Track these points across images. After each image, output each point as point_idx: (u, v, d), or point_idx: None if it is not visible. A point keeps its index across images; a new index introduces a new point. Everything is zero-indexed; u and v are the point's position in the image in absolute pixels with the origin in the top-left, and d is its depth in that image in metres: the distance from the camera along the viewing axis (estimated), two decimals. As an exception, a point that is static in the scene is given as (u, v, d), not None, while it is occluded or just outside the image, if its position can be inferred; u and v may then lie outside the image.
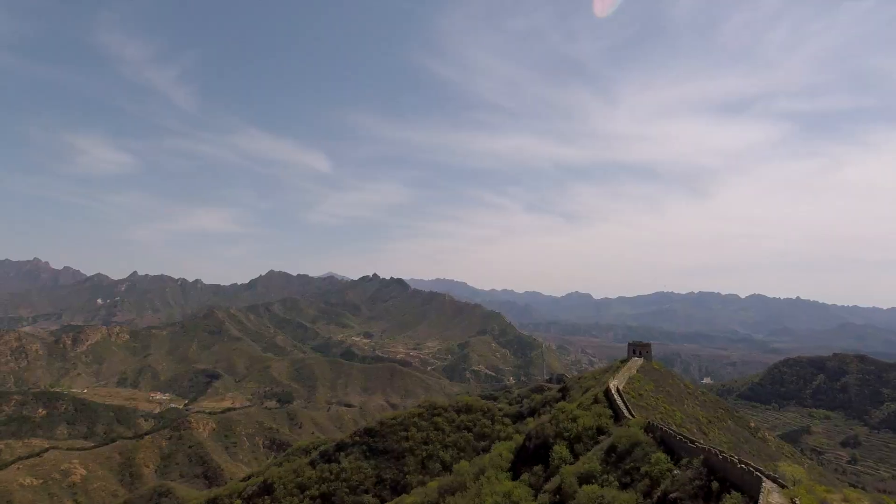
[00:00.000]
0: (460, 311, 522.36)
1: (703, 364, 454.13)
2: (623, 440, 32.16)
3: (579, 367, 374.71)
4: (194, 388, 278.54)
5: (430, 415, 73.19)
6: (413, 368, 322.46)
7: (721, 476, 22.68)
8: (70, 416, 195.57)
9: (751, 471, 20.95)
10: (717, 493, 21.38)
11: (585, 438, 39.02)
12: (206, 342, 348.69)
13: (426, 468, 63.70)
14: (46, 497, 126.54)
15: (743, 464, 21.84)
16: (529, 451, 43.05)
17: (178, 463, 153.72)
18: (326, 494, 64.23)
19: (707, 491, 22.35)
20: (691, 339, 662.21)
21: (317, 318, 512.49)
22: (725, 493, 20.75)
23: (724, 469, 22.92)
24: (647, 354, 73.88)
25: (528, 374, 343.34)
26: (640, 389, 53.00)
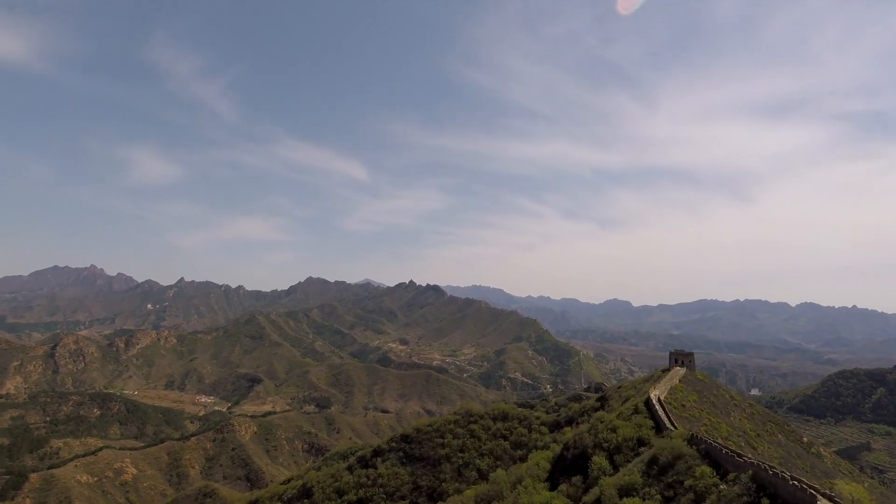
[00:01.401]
0: (496, 317, 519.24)
1: (751, 375, 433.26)
2: (665, 452, 31.20)
3: (618, 376, 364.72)
4: (237, 392, 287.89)
5: (466, 422, 72.98)
6: (449, 375, 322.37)
7: (771, 493, 21.71)
8: (122, 417, 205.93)
9: (804, 488, 19.97)
10: (768, 511, 20.51)
11: (625, 450, 38.08)
12: (247, 347, 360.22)
13: (462, 476, 63.49)
14: (101, 494, 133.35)
15: (795, 480, 20.83)
16: (567, 461, 42.31)
17: (222, 464, 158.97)
18: (364, 500, 64.93)
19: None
20: (737, 348, 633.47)
21: (354, 325, 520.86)
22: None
23: (775, 485, 21.93)
24: (690, 364, 71.32)
25: (565, 383, 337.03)
26: (683, 400, 51.23)
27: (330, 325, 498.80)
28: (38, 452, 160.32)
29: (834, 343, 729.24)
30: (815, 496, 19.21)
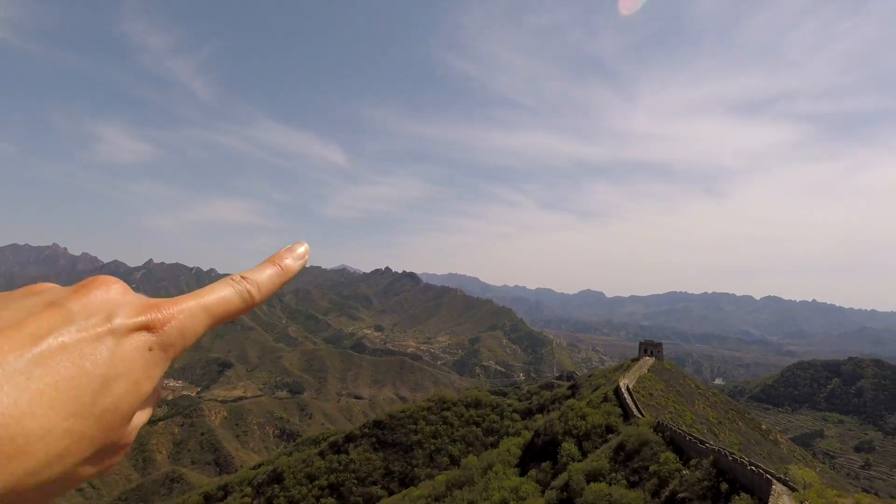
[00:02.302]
0: (472, 306, 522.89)
1: (716, 365, 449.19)
2: (632, 439, 32.14)
3: (590, 365, 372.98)
4: (207, 377, 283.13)
5: (439, 409, 73.61)
6: (423, 362, 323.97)
7: (730, 478, 22.60)
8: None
9: (761, 473, 20.85)
10: (727, 495, 21.33)
11: (594, 436, 39.06)
12: (218, 331, 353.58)
13: (434, 462, 64.18)
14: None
15: (753, 466, 21.73)
16: (538, 447, 43.18)
17: (190, 450, 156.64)
18: (335, 485, 65.06)
19: (716, 492, 22.30)
20: (704, 339, 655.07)
21: (328, 310, 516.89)
22: (734, 494, 20.69)
23: (734, 470, 22.83)
24: (659, 354, 73.41)
25: (538, 371, 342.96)
26: (651, 389, 52.76)
27: (304, 310, 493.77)
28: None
29: (794, 335, 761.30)
30: (770, 480, 20.08)
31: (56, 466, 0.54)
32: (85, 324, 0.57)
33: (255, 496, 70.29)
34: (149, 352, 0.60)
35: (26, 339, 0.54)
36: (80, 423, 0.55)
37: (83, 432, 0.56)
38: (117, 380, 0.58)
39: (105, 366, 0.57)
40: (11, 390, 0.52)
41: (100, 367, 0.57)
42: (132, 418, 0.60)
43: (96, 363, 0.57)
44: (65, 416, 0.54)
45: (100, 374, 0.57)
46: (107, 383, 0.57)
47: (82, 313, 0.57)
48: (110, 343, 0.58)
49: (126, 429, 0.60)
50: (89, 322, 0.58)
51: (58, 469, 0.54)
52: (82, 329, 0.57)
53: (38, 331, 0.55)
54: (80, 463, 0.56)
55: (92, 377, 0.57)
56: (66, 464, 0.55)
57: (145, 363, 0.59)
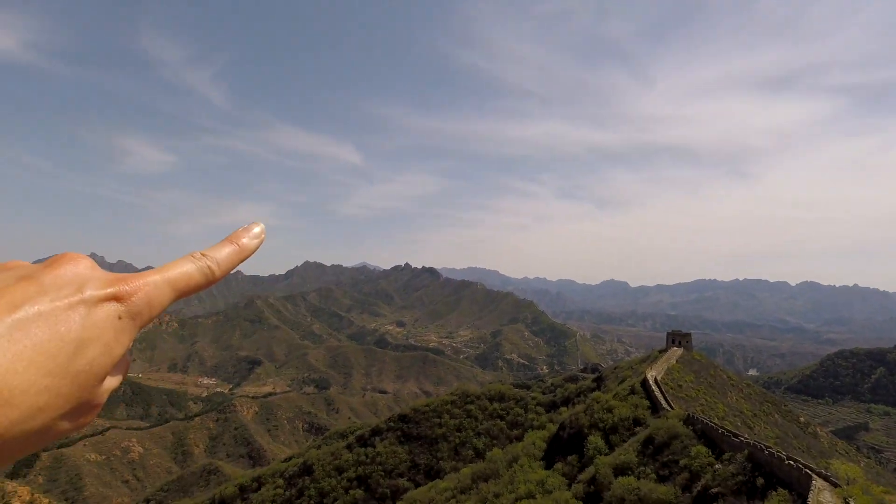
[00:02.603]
0: (492, 299, 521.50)
1: (749, 355, 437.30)
2: (661, 432, 31.39)
3: (615, 357, 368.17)
4: (238, 374, 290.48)
5: (462, 402, 73.68)
6: (445, 357, 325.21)
7: (767, 472, 21.79)
8: (128, 399, 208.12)
9: (800, 467, 20.02)
10: (763, 490, 20.55)
11: (621, 429, 38.36)
12: (247, 330, 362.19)
13: (459, 455, 64.31)
14: (109, 472, 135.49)
15: (791, 460, 20.89)
16: (563, 440, 42.69)
17: (225, 443, 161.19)
18: (363, 477, 65.91)
19: (751, 487, 21.54)
20: (736, 328, 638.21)
21: (351, 308, 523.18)
22: (771, 490, 19.93)
23: (771, 465, 21.99)
24: (687, 344, 71.74)
25: (561, 364, 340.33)
26: (680, 380, 51.56)
27: (327, 308, 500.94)
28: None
29: (834, 322, 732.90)
30: (810, 476, 19.25)
31: (37, 419, 0.61)
32: (57, 294, 0.64)
33: (286, 487, 71.86)
34: (118, 320, 0.66)
35: (4, 307, 0.62)
36: (58, 381, 0.61)
37: (60, 390, 0.62)
38: (90, 344, 0.64)
39: (78, 331, 0.64)
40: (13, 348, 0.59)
41: (73, 332, 0.64)
42: (104, 381, 0.65)
43: (70, 329, 0.63)
44: (43, 374, 0.61)
45: (74, 339, 0.64)
46: (80, 347, 0.64)
47: (54, 285, 0.64)
48: (82, 311, 0.64)
49: (99, 389, 0.65)
50: (61, 293, 0.64)
51: (39, 421, 0.61)
52: (55, 299, 0.64)
53: (15, 300, 0.62)
54: (58, 418, 0.63)
55: (67, 341, 0.63)
56: (46, 417, 0.62)
57: (115, 330, 0.65)
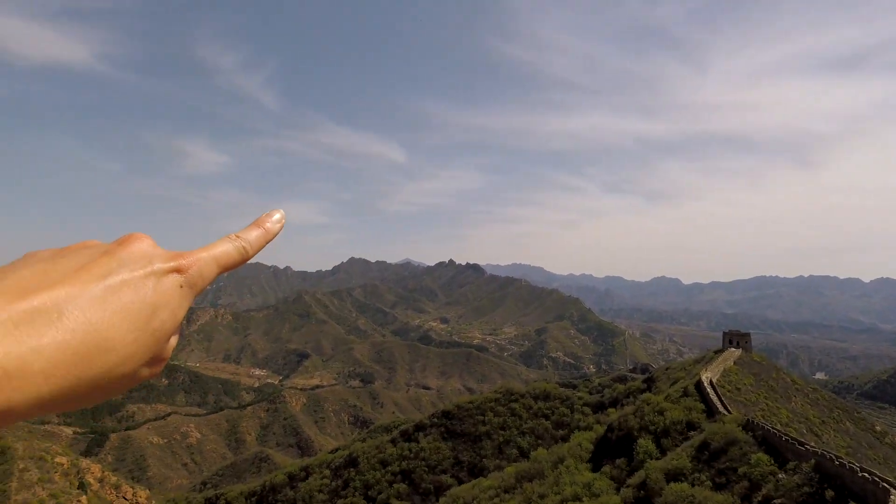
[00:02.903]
0: (537, 296, 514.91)
1: (816, 357, 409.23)
2: (718, 437, 29.78)
3: (666, 357, 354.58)
4: (287, 366, 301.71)
5: (506, 400, 73.03)
6: (489, 354, 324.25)
7: (837, 484, 20.14)
8: (186, 386, 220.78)
9: (876, 480, 18.34)
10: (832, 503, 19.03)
11: (673, 433, 36.74)
12: (296, 324, 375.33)
13: (503, 453, 63.80)
14: (170, 454, 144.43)
15: (865, 472, 19.20)
16: (611, 442, 41.38)
17: (275, 433, 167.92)
18: (407, 471, 66.68)
19: (819, 499, 19.98)
20: (801, 328, 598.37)
21: (395, 303, 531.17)
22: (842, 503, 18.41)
23: (841, 476, 20.31)
24: (746, 345, 67.85)
25: (609, 363, 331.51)
26: (738, 383, 48.81)
27: (372, 303, 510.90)
28: (116, 415, 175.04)
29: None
30: (888, 490, 17.61)
31: (128, 365, 0.77)
32: (133, 266, 0.78)
33: (333, 478, 73.83)
34: (180, 288, 0.80)
35: (97, 276, 0.76)
36: (141, 336, 0.77)
37: (143, 343, 0.77)
38: (162, 308, 0.79)
39: (153, 296, 0.78)
40: (98, 309, 0.75)
41: (150, 297, 0.78)
42: (170, 339, 0.80)
43: (147, 294, 0.78)
44: (132, 329, 0.77)
45: (150, 303, 0.78)
46: (155, 310, 0.78)
47: (129, 259, 0.78)
48: (154, 280, 0.79)
49: (167, 346, 0.80)
50: (136, 265, 0.79)
51: (129, 367, 0.77)
52: (133, 270, 0.78)
53: (103, 271, 0.77)
54: (141, 366, 0.78)
55: (145, 304, 0.78)
56: (133, 364, 0.77)
57: (178, 297, 0.79)
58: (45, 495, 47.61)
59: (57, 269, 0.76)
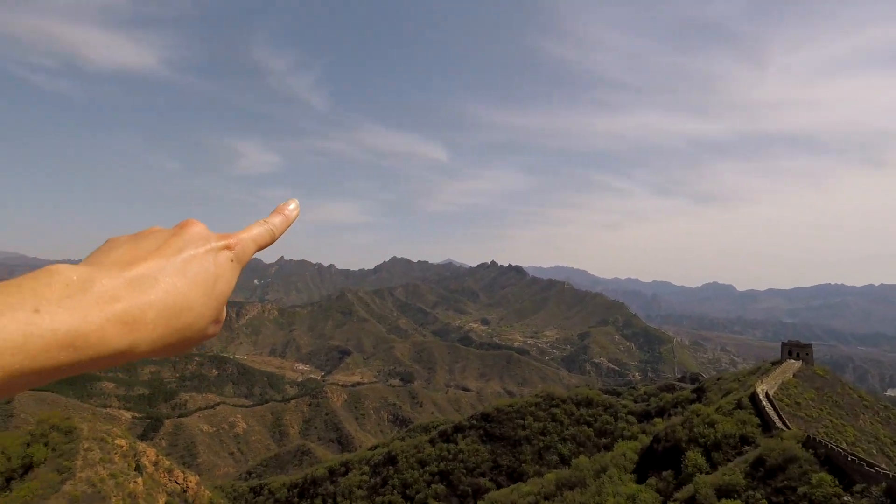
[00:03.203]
0: (580, 299, 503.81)
1: (887, 372, 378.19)
2: (775, 453, 27.92)
3: (718, 367, 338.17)
4: (329, 362, 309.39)
5: (547, 405, 71.62)
6: (530, 357, 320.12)
7: (916, 513, 18.38)
8: (234, 378, 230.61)
9: (963, 513, 16.58)
10: (910, 534, 17.36)
11: (725, 447, 34.80)
12: (338, 321, 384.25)
13: (543, 459, 62.58)
14: (218, 443, 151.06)
15: (950, 502, 17.40)
16: (657, 454, 39.68)
17: (317, 427, 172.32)
18: (445, 472, 66.62)
19: (894, 529, 18.29)
20: (870, 341, 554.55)
21: (436, 304, 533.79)
22: (923, 535, 16.74)
23: (921, 505, 18.53)
24: (808, 357, 63.45)
25: (655, 371, 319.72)
26: (798, 397, 45.71)
27: (413, 303, 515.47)
28: (170, 403, 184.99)
29: None
30: (978, 524, 15.85)
31: (201, 321, 0.98)
32: (196, 244, 1.02)
33: (372, 475, 74.86)
34: (231, 262, 1.06)
35: (172, 252, 0.97)
36: (209, 300, 0.99)
37: (210, 304, 1.00)
38: (221, 278, 1.03)
39: (214, 268, 1.02)
40: (180, 276, 0.96)
41: (212, 268, 1.02)
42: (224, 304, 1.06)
43: (210, 266, 1.01)
44: (202, 293, 0.97)
45: (213, 273, 1.01)
46: (216, 279, 1.02)
47: (191, 239, 1.03)
48: (213, 256, 1.03)
49: (223, 310, 1.06)
50: (198, 244, 1.03)
51: (202, 323, 0.98)
52: (197, 247, 1.02)
53: (177, 248, 0.99)
54: (208, 324, 1.01)
55: (210, 274, 1.01)
56: (205, 321, 0.99)
57: (231, 269, 1.06)
58: (106, 475, 50.58)
59: (141, 247, 0.97)
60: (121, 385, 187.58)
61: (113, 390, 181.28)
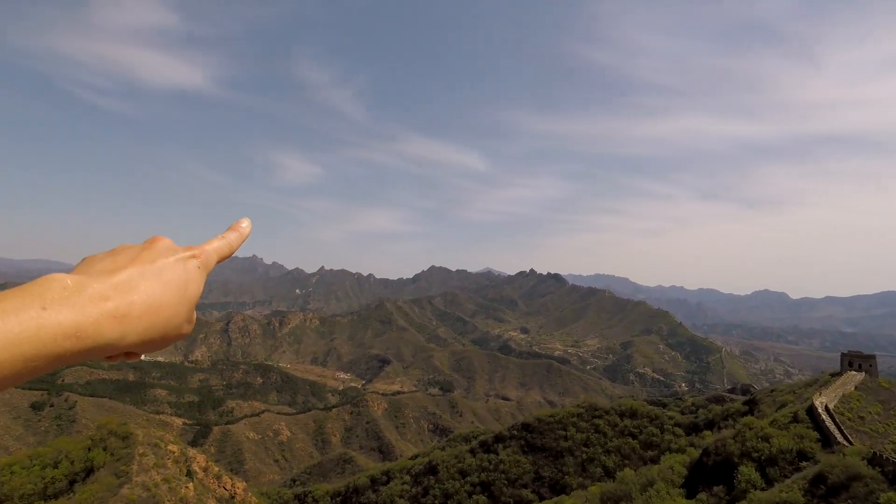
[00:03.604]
0: (622, 307, 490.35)
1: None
2: (836, 470, 26.54)
3: (771, 378, 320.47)
4: (369, 371, 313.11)
5: (590, 416, 70.12)
6: (571, 366, 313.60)
7: None
8: (278, 386, 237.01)
9: None
10: None
11: (781, 462, 33.24)
12: (378, 330, 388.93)
13: (586, 471, 61.24)
14: (263, 450, 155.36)
15: None
16: (707, 468, 38.26)
17: (358, 435, 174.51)
18: (486, 483, 66.18)
19: (973, 553, 17.10)
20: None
21: (475, 313, 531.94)
22: None
23: None
24: (871, 369, 59.52)
25: (703, 382, 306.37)
26: (861, 411, 43.07)
27: (452, 312, 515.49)
28: (218, 410, 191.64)
29: None
30: None
31: (176, 319, 1.19)
32: (166, 254, 1.21)
33: (413, 484, 75.19)
34: (198, 269, 1.21)
35: (148, 261, 1.19)
36: (182, 300, 1.19)
37: (183, 304, 1.20)
38: (191, 282, 1.21)
39: (184, 274, 1.20)
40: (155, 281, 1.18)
41: (183, 274, 1.20)
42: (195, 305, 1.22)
43: (181, 273, 1.20)
44: (176, 295, 1.19)
45: (184, 279, 1.20)
46: (187, 283, 1.20)
47: (161, 250, 1.20)
48: (182, 263, 1.20)
49: (194, 312, 1.22)
50: (168, 254, 1.20)
51: (177, 321, 1.19)
52: (167, 257, 1.20)
53: (150, 258, 1.20)
54: (183, 322, 1.20)
55: (181, 279, 1.20)
56: (179, 319, 1.20)
57: (199, 274, 1.21)
58: (160, 479, 53.05)
59: (119, 259, 1.20)
60: (172, 392, 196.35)
61: (165, 397, 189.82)
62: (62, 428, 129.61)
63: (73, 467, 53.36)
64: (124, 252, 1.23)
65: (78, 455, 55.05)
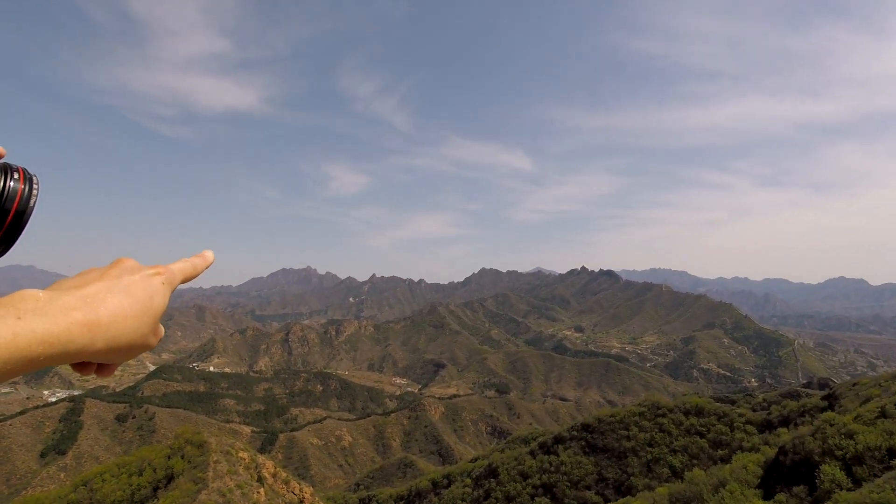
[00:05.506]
0: (681, 302, 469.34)
1: None
2: (933, 469, 24.61)
3: (852, 371, 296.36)
4: (425, 376, 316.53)
5: (653, 415, 67.82)
6: (629, 364, 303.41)
7: None
8: (338, 393, 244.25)
9: None
10: None
11: (870, 461, 31.05)
12: (431, 335, 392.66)
13: (652, 472, 59.33)
14: (327, 455, 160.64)
15: None
16: (784, 467, 36.26)
17: (417, 439, 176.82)
18: (548, 485, 65.46)
19: None
20: None
21: (527, 313, 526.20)
22: None
23: None
24: (970, 357, 54.13)
25: (774, 377, 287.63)
26: (960, 404, 39.30)
27: (504, 313, 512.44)
28: (283, 417, 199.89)
29: None
30: None
31: (143, 328, 1.29)
32: (132, 272, 1.32)
33: (474, 487, 75.48)
34: (163, 285, 1.31)
35: (115, 277, 1.31)
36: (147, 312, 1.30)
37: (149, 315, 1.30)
38: (155, 297, 1.31)
39: (149, 290, 1.31)
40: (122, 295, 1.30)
41: (148, 290, 1.31)
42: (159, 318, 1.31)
43: (146, 288, 1.31)
44: (142, 307, 1.30)
45: (150, 293, 1.31)
46: (152, 297, 1.31)
47: (126, 269, 1.32)
48: (147, 280, 1.31)
49: (159, 324, 1.31)
50: (133, 272, 1.32)
51: (143, 331, 1.30)
52: (133, 274, 1.32)
53: (116, 275, 1.31)
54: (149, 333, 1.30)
55: (146, 293, 1.31)
56: (146, 330, 1.30)
57: (163, 290, 1.31)
58: (233, 485, 56.02)
59: (87, 277, 1.32)
60: (240, 402, 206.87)
61: (234, 406, 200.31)
62: (144, 438, 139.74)
63: (155, 475, 57.48)
64: (92, 272, 1.34)
65: (159, 463, 59.25)
